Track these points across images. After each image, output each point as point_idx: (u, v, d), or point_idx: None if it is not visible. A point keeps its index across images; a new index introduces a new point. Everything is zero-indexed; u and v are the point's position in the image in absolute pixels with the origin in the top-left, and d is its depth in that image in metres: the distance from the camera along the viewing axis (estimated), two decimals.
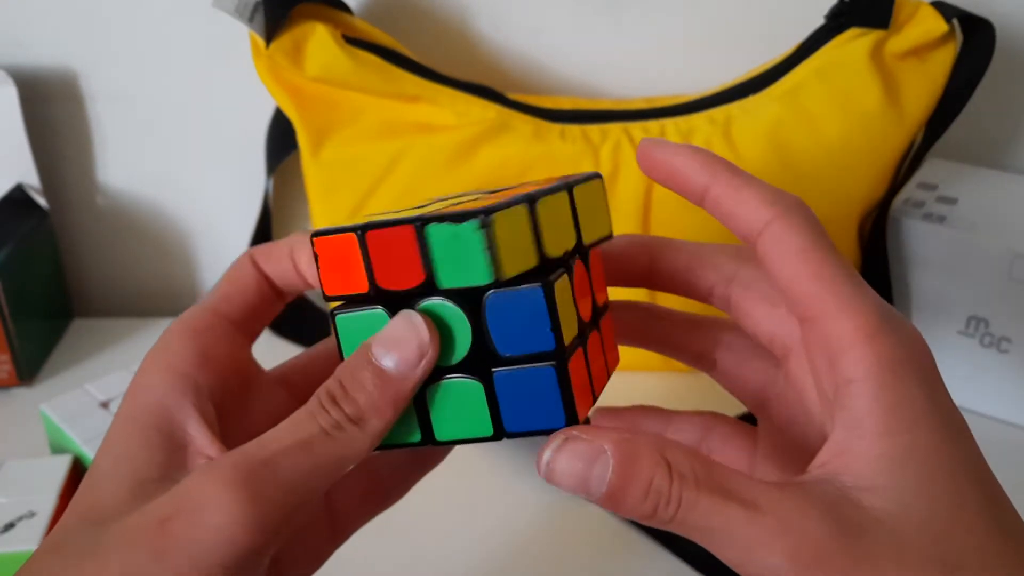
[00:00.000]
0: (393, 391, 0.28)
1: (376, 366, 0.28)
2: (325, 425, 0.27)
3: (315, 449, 0.27)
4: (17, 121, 0.65)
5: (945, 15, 0.55)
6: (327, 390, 0.28)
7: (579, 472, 0.26)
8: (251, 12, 0.56)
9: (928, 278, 0.59)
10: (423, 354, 0.27)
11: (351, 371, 0.28)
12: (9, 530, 0.43)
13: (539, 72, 0.66)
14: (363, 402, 0.27)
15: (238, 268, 0.33)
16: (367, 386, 0.27)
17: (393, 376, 0.27)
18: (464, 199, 0.31)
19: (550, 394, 0.28)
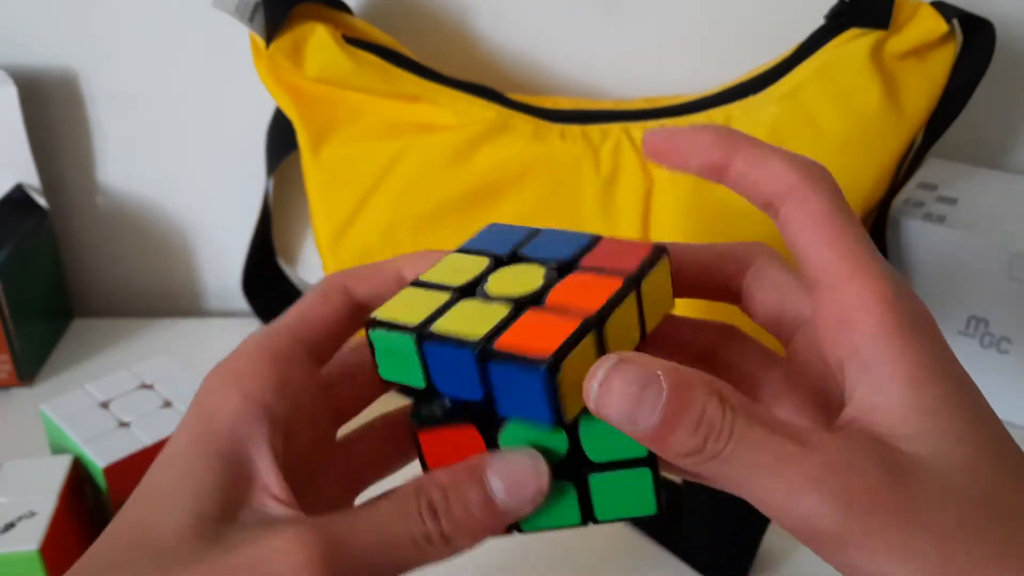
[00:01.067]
0: (496, 521, 0.27)
1: (487, 492, 0.27)
2: (416, 535, 0.26)
3: (399, 551, 0.26)
4: (17, 121, 0.65)
5: (945, 15, 0.55)
6: (429, 500, 0.27)
7: (632, 395, 0.25)
8: (251, 12, 0.56)
9: (928, 278, 0.59)
10: (536, 499, 0.27)
11: (458, 486, 0.27)
12: (9, 530, 0.43)
13: (539, 72, 0.66)
14: (463, 525, 0.27)
15: (325, 295, 0.32)
16: (473, 511, 0.27)
17: (501, 509, 0.27)
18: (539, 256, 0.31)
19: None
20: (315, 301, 0.31)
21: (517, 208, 0.58)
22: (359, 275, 0.32)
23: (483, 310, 0.28)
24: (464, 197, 0.58)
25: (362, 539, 0.26)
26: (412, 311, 0.28)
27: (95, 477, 0.47)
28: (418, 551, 0.26)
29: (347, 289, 0.32)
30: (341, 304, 0.31)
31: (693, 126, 0.30)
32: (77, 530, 0.46)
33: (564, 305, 0.28)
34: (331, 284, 0.32)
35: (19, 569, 0.42)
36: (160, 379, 0.52)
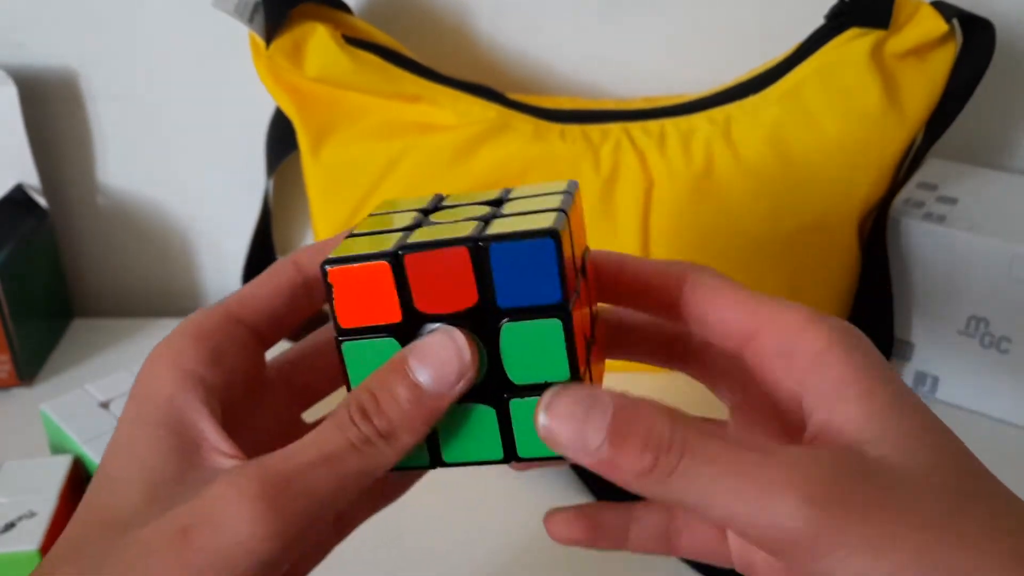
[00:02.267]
0: (428, 408, 0.27)
1: (412, 381, 0.27)
2: (354, 439, 0.26)
3: (341, 463, 0.26)
4: (17, 121, 0.65)
5: (945, 15, 0.55)
6: (358, 403, 0.27)
7: (578, 418, 0.25)
8: (251, 12, 0.56)
9: (928, 278, 0.59)
10: (463, 374, 0.27)
11: (385, 384, 0.27)
12: (9, 530, 0.43)
13: (539, 72, 0.66)
14: (396, 417, 0.27)
15: (272, 272, 0.32)
16: (402, 402, 0.27)
17: (430, 393, 0.27)
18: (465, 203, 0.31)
19: None
20: (260, 280, 0.32)
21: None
22: (312, 250, 0.32)
23: (447, 227, 0.28)
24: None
25: (300, 459, 0.26)
26: (370, 246, 0.28)
27: None
28: (361, 457, 0.26)
29: (297, 265, 0.32)
30: (286, 280, 0.32)
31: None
32: None
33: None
34: (282, 262, 0.32)
35: (19, 569, 0.42)
36: None
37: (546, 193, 0.30)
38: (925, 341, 0.60)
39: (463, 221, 0.28)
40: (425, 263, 0.27)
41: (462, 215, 0.29)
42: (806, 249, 0.58)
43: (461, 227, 0.28)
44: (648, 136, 0.57)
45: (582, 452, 0.25)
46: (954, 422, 0.64)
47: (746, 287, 0.29)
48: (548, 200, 0.29)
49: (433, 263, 0.27)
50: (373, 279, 0.27)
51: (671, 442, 0.25)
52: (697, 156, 0.57)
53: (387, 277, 0.27)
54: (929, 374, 0.61)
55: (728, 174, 0.57)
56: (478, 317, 0.27)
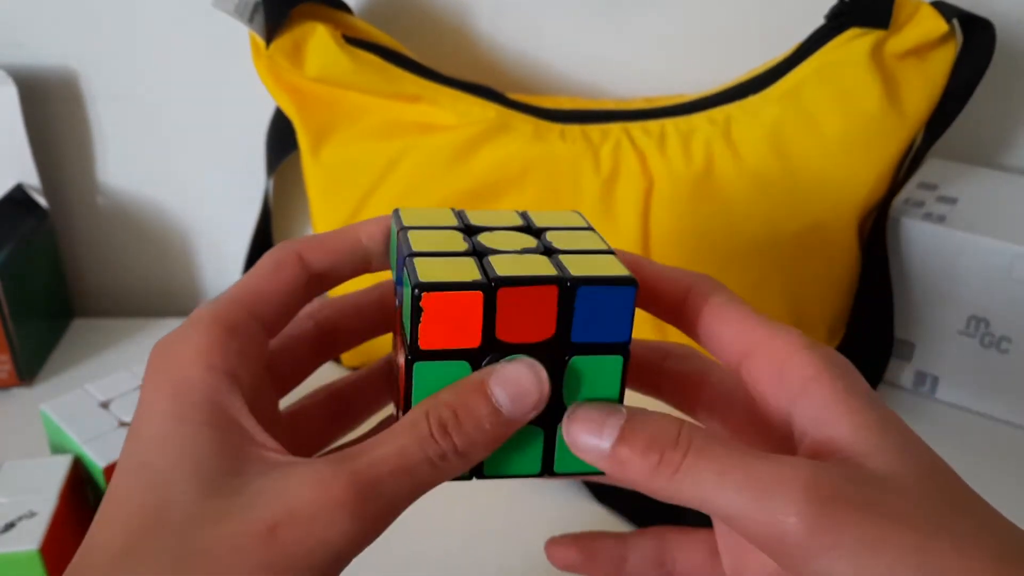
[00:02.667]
0: (502, 431, 0.28)
1: (494, 404, 0.28)
2: (432, 455, 0.27)
3: (418, 474, 0.27)
4: (17, 121, 0.65)
5: (945, 15, 0.55)
6: (439, 419, 0.28)
7: (596, 420, 0.28)
8: (251, 12, 0.56)
9: (928, 278, 0.59)
10: (538, 406, 0.28)
11: (466, 403, 0.28)
12: (9, 530, 0.43)
13: (539, 72, 0.66)
14: (477, 437, 0.28)
15: (278, 266, 0.32)
16: (483, 423, 0.28)
17: (506, 418, 0.28)
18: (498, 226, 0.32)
19: None
20: (268, 273, 0.31)
21: (517, 207, 0.58)
22: (315, 244, 0.32)
23: (520, 260, 0.29)
24: (465, 197, 0.58)
25: (384, 467, 0.26)
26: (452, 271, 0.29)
27: (95, 477, 0.47)
28: (434, 470, 0.27)
29: (302, 259, 0.32)
30: (294, 276, 0.32)
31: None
32: (77, 530, 0.46)
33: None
34: (284, 255, 0.32)
35: (19, 569, 0.42)
36: None
37: (575, 227, 0.32)
38: (925, 341, 0.60)
39: (525, 252, 0.30)
40: (516, 296, 0.28)
41: (513, 244, 0.31)
42: (806, 249, 0.58)
43: (537, 262, 0.29)
44: (648, 136, 0.57)
45: (597, 454, 0.28)
46: (954, 422, 0.65)
47: (748, 306, 0.31)
48: (587, 238, 0.31)
49: (523, 297, 0.28)
50: (464, 306, 0.28)
51: (676, 441, 0.27)
52: (697, 156, 0.57)
53: (477, 305, 0.28)
54: (929, 374, 0.61)
55: (728, 174, 0.57)
56: (549, 348, 0.29)
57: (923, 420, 0.59)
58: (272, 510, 0.25)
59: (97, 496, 0.48)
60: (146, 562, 0.25)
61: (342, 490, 0.26)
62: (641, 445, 0.27)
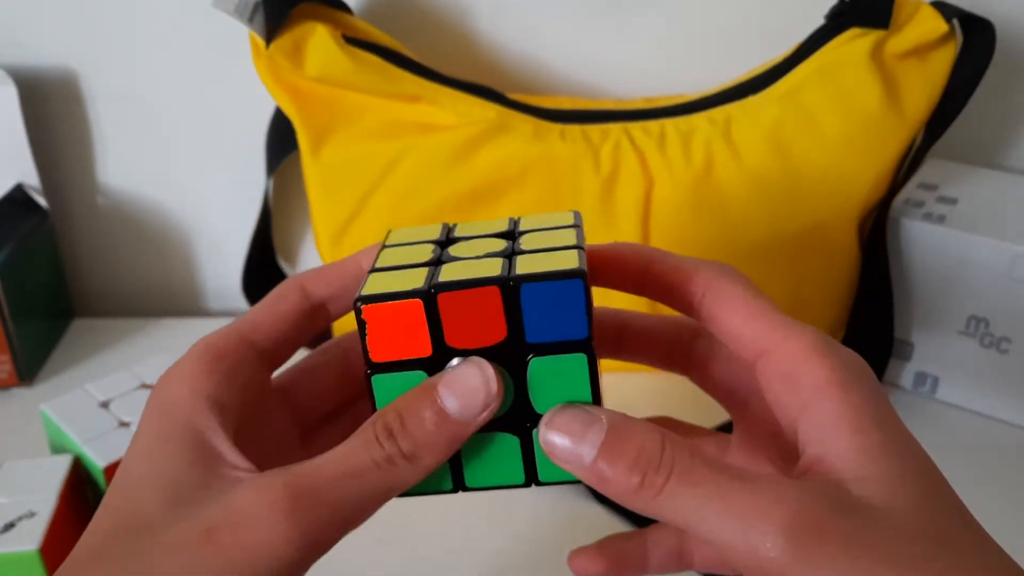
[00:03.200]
0: (452, 433, 0.28)
1: (439, 406, 0.28)
2: (378, 458, 0.27)
3: (364, 480, 0.27)
4: (17, 121, 0.65)
5: (945, 15, 0.55)
6: (384, 423, 0.28)
7: (575, 433, 0.27)
8: (251, 12, 0.56)
9: (928, 278, 0.59)
10: (488, 404, 0.28)
11: (412, 407, 0.28)
12: (9, 530, 0.43)
13: (539, 72, 0.66)
14: (420, 439, 0.28)
15: (281, 297, 0.33)
16: (427, 424, 0.28)
17: (454, 419, 0.28)
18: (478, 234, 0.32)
19: None
20: (270, 303, 0.33)
21: (517, 208, 0.58)
22: (318, 275, 0.33)
23: (473, 264, 0.29)
24: (464, 197, 0.58)
25: (325, 473, 0.27)
26: (399, 282, 0.29)
27: (95, 477, 0.47)
28: (384, 474, 0.27)
29: (304, 290, 0.33)
30: (295, 305, 0.33)
31: (612, 244, 0.32)
32: (77, 530, 0.46)
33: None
34: (289, 286, 0.33)
35: (19, 569, 0.42)
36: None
37: (557, 227, 0.31)
38: (925, 341, 0.60)
39: (485, 257, 0.30)
40: (457, 301, 0.28)
41: (481, 249, 0.30)
42: (806, 249, 0.58)
43: (487, 264, 0.29)
44: (648, 136, 0.57)
45: (577, 466, 0.27)
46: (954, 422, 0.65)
47: (766, 302, 0.30)
48: (562, 235, 0.30)
49: (465, 301, 0.28)
50: (406, 316, 0.28)
51: (660, 463, 0.26)
52: (697, 156, 0.57)
53: (420, 314, 0.28)
54: (929, 374, 0.61)
55: (728, 174, 0.57)
56: (506, 351, 0.28)
57: (923, 420, 0.59)
58: (212, 515, 0.26)
59: (97, 496, 0.48)
60: (107, 565, 0.26)
61: (277, 493, 0.26)
62: (623, 464, 0.26)
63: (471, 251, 0.30)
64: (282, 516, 0.26)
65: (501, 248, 0.30)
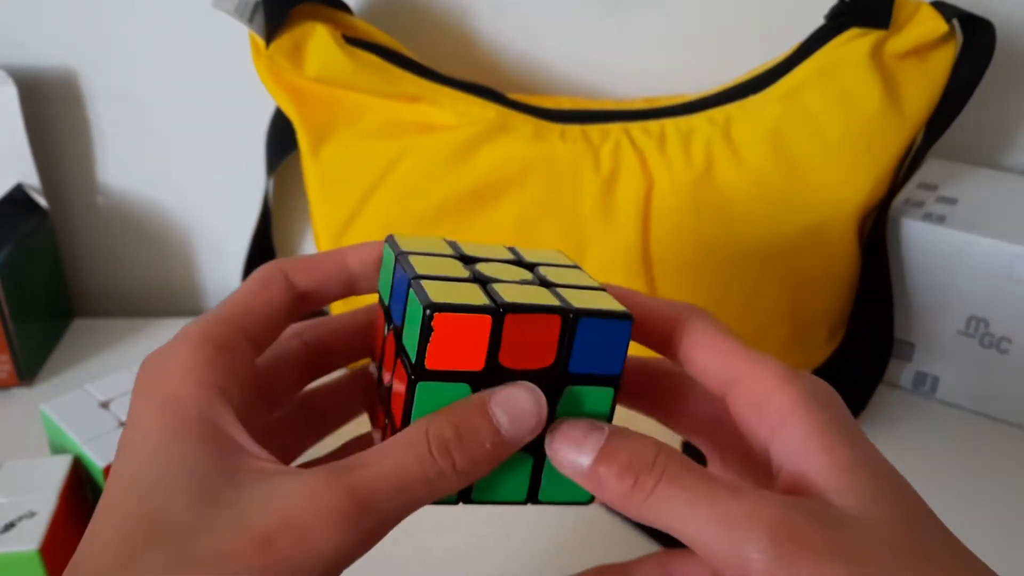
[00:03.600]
0: (500, 452, 0.29)
1: (494, 424, 0.28)
2: (431, 474, 0.27)
3: (415, 492, 0.27)
4: (17, 121, 0.65)
5: (945, 15, 0.55)
6: (439, 437, 0.28)
7: (576, 439, 0.29)
8: (251, 12, 0.56)
9: (928, 278, 0.59)
10: (536, 428, 0.29)
11: (468, 422, 0.28)
12: (9, 530, 0.43)
13: (539, 72, 0.66)
14: (477, 457, 0.28)
15: (265, 284, 0.32)
16: (485, 442, 0.28)
17: (505, 439, 0.28)
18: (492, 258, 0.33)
19: None
20: (255, 291, 0.32)
21: (517, 208, 0.58)
22: (301, 265, 0.33)
23: (523, 290, 0.30)
24: (464, 197, 0.58)
25: (380, 485, 0.27)
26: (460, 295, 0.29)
27: (95, 477, 0.47)
28: (430, 488, 0.27)
29: (288, 279, 0.33)
30: (280, 294, 0.32)
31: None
32: (77, 530, 0.46)
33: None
34: (271, 274, 0.33)
35: (19, 569, 0.42)
36: None
37: (562, 265, 0.34)
38: (925, 341, 0.60)
39: (523, 283, 0.31)
40: (522, 323, 0.29)
41: (511, 275, 0.32)
42: (806, 249, 0.58)
43: (536, 292, 0.30)
44: (648, 136, 0.57)
45: (576, 470, 0.28)
46: (954, 422, 0.65)
47: (735, 337, 0.31)
48: (575, 274, 0.33)
49: (528, 324, 0.29)
50: (472, 329, 0.29)
51: (652, 467, 0.27)
52: (697, 156, 0.57)
53: (485, 329, 0.29)
54: (929, 374, 0.61)
55: (728, 174, 0.57)
56: (547, 377, 0.30)
57: (922, 420, 0.59)
58: (266, 520, 0.25)
59: (97, 496, 0.48)
60: (142, 571, 0.25)
61: (337, 503, 0.26)
62: (618, 467, 0.28)
63: (502, 274, 0.31)
64: (346, 525, 0.26)
65: (530, 277, 0.32)
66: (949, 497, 0.33)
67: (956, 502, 0.36)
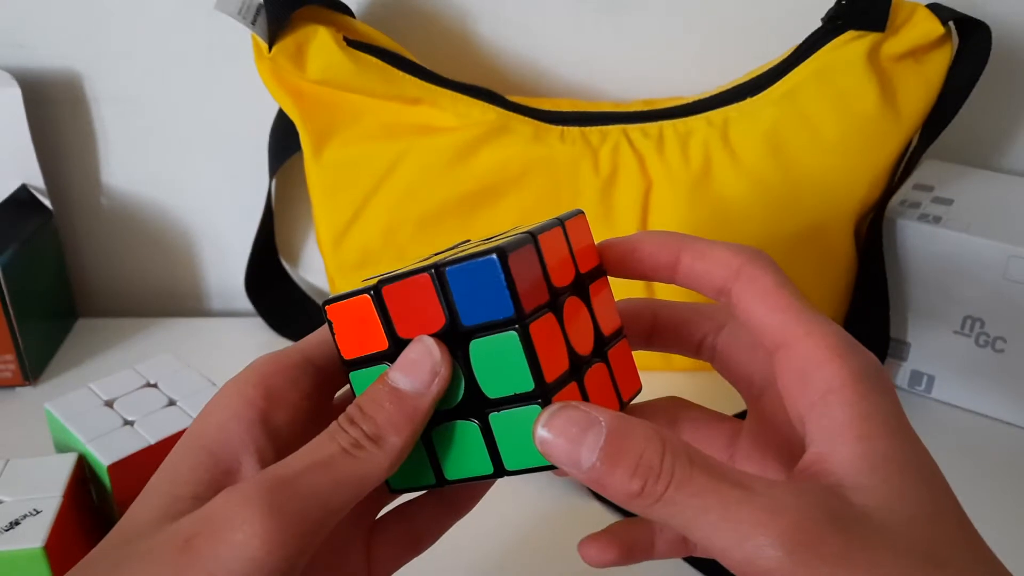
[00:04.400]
0: (409, 408, 0.29)
1: (392, 387, 0.29)
2: (344, 444, 0.28)
3: (335, 467, 0.27)
4: (21, 122, 0.65)
5: (941, 17, 0.55)
6: (346, 413, 0.29)
7: (572, 437, 0.26)
8: (254, 15, 0.56)
9: (924, 278, 0.59)
10: (436, 372, 0.29)
11: (369, 394, 0.29)
12: (14, 528, 0.43)
13: (539, 74, 0.67)
14: (380, 420, 0.28)
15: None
16: (384, 405, 0.29)
17: (409, 394, 0.29)
18: (464, 247, 0.32)
19: None
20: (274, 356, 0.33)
21: (517, 209, 0.58)
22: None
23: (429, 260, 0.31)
24: (465, 198, 0.58)
25: (295, 466, 0.27)
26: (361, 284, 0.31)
27: (100, 475, 0.48)
28: (354, 462, 0.28)
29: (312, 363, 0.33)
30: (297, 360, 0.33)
31: (636, 234, 0.32)
32: (82, 528, 0.46)
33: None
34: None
35: (24, 567, 0.43)
36: (164, 378, 0.53)
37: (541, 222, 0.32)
38: (921, 341, 0.61)
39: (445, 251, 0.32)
40: (399, 292, 0.29)
41: (461, 250, 0.31)
42: (803, 250, 0.59)
43: (436, 258, 0.30)
44: (647, 138, 0.58)
45: (575, 469, 0.26)
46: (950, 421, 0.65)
47: (793, 292, 0.30)
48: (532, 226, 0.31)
49: (405, 291, 0.29)
50: (360, 312, 0.30)
51: (660, 471, 0.26)
52: (695, 158, 0.57)
53: (371, 308, 0.30)
54: (925, 373, 0.61)
55: (726, 176, 0.57)
56: (449, 337, 0.29)
57: (919, 419, 0.59)
58: (192, 522, 0.26)
59: (101, 494, 0.48)
60: (91, 571, 0.27)
61: (248, 492, 0.26)
62: (623, 471, 0.26)
63: (450, 253, 0.31)
64: (257, 513, 0.25)
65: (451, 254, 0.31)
66: None
67: None
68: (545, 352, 0.28)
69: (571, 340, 0.30)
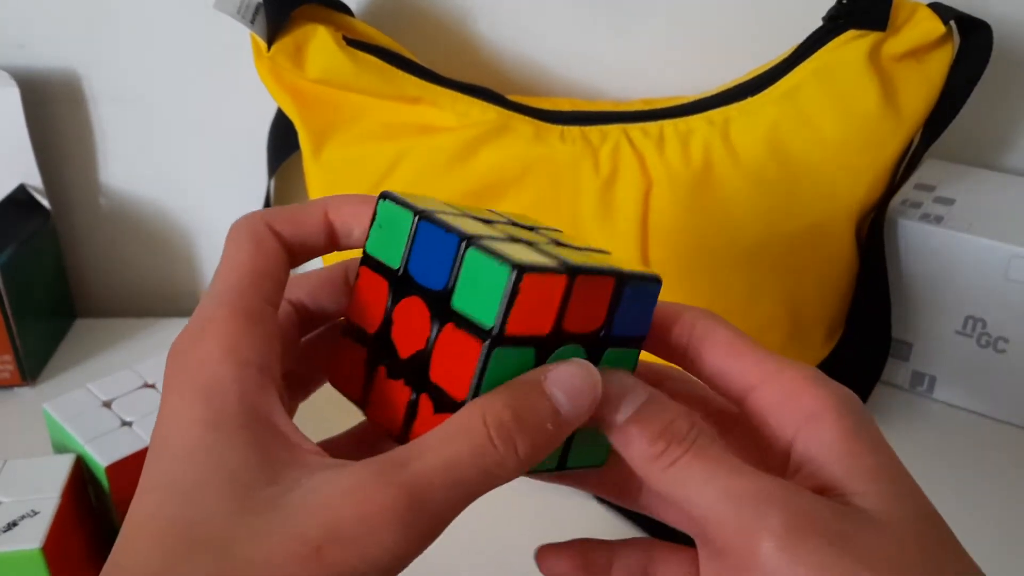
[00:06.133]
0: (561, 434, 0.27)
1: (555, 408, 0.27)
2: (490, 465, 0.25)
3: (470, 484, 0.25)
4: (20, 122, 0.65)
5: (943, 17, 0.55)
6: (499, 422, 0.26)
7: (618, 391, 0.28)
8: (253, 14, 0.56)
9: (925, 278, 0.59)
10: (592, 406, 0.28)
11: (528, 404, 0.26)
12: (11, 529, 0.43)
13: (539, 74, 0.67)
14: (538, 441, 0.26)
15: (257, 241, 0.30)
16: (546, 424, 0.26)
17: (567, 420, 0.27)
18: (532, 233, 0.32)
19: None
20: (253, 251, 0.30)
21: (517, 209, 0.58)
22: (284, 218, 0.31)
23: (486, 227, 0.30)
24: (464, 198, 0.58)
25: (433, 479, 0.25)
26: (424, 203, 0.30)
27: (97, 476, 0.48)
28: (489, 479, 0.25)
29: (273, 231, 0.30)
30: (277, 251, 0.30)
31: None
32: (79, 529, 0.46)
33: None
34: (258, 228, 0.30)
35: (21, 568, 0.43)
36: (162, 379, 0.53)
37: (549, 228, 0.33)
38: (922, 341, 0.61)
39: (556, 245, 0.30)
40: (586, 285, 0.28)
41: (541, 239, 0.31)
42: (804, 250, 0.58)
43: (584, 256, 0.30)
44: (647, 137, 0.58)
45: (608, 423, 0.28)
46: (951, 421, 0.65)
47: (751, 339, 0.31)
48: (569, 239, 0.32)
49: (590, 287, 0.28)
50: (549, 291, 0.27)
51: (684, 438, 0.27)
52: (696, 157, 0.57)
53: (559, 291, 0.28)
54: (926, 374, 0.61)
55: (726, 175, 0.57)
56: (591, 340, 0.29)
57: (920, 420, 0.60)
58: (316, 526, 0.24)
59: (99, 495, 0.48)
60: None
61: (392, 505, 0.24)
62: (651, 431, 0.28)
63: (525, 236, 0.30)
64: (400, 528, 0.24)
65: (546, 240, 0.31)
66: (946, 496, 0.33)
67: (953, 501, 0.36)
68: None
69: None
